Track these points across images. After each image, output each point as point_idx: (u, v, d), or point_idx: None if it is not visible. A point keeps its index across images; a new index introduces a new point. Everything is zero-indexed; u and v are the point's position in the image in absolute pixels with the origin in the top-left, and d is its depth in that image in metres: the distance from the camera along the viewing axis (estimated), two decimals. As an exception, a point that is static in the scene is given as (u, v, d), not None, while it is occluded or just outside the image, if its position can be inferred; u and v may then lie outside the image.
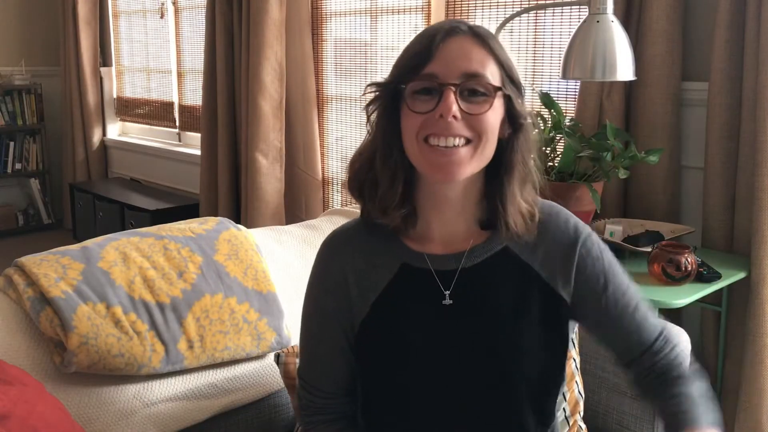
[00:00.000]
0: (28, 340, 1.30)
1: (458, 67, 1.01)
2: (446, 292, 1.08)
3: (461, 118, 1.00)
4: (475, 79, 1.01)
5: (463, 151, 1.01)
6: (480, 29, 1.05)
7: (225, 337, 1.45)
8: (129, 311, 1.36)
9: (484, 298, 1.09)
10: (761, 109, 1.98)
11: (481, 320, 1.08)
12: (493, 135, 1.03)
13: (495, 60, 1.03)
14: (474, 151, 1.02)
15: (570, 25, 2.54)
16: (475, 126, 1.01)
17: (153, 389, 1.40)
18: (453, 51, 1.01)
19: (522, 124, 1.06)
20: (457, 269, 1.09)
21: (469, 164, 1.02)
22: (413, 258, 1.10)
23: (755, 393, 2.05)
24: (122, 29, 4.95)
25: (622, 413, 1.46)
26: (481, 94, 1.01)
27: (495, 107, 1.03)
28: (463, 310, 1.08)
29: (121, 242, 1.47)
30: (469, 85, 1.01)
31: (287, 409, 1.57)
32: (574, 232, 1.12)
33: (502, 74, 1.04)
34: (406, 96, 1.03)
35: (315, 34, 3.45)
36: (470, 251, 1.10)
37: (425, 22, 3.01)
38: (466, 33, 1.03)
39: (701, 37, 2.24)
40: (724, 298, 2.16)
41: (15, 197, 5.13)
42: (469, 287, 1.09)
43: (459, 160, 1.01)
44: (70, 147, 5.01)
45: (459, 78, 1.00)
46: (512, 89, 1.05)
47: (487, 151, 1.04)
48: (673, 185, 2.30)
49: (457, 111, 1.00)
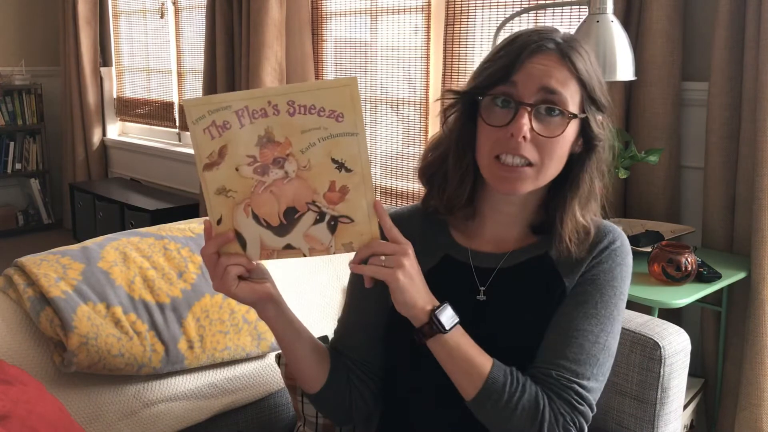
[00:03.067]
0: (28, 340, 1.30)
1: (537, 85, 1.01)
2: (481, 288, 1.12)
3: (531, 139, 1.02)
4: (552, 99, 1.02)
5: (525, 171, 1.03)
6: (567, 45, 1.04)
7: (225, 337, 1.45)
8: (129, 311, 1.36)
9: (514, 300, 1.11)
10: (761, 109, 1.98)
11: (508, 320, 1.10)
12: (559, 158, 1.05)
13: (577, 80, 1.03)
14: (536, 174, 1.04)
15: (570, 25, 2.54)
16: (542, 148, 1.02)
17: (153, 389, 1.40)
18: (535, 68, 1.02)
19: (595, 145, 1.07)
20: (495, 268, 1.12)
21: (532, 183, 1.05)
22: (457, 251, 1.15)
23: (755, 393, 2.05)
24: (122, 29, 4.95)
25: (622, 413, 1.46)
26: (557, 114, 1.02)
27: (568, 131, 1.03)
28: (495, 308, 1.11)
29: (121, 242, 1.47)
30: (545, 105, 1.02)
31: (287, 409, 1.57)
32: (603, 237, 1.11)
33: (583, 94, 1.04)
34: (483, 106, 1.05)
35: (315, 34, 3.45)
36: (512, 253, 1.12)
37: (425, 22, 3.02)
38: (551, 50, 1.03)
39: (701, 37, 2.24)
40: (724, 298, 2.16)
41: (15, 197, 5.13)
42: (503, 287, 1.11)
43: (520, 178, 1.04)
44: (70, 147, 5.01)
45: (536, 97, 1.02)
46: (592, 110, 1.05)
47: (550, 172, 1.06)
48: (673, 185, 2.30)
49: (528, 132, 1.01)
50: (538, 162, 1.03)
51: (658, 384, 1.41)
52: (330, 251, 1.00)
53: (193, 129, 0.96)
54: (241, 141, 0.95)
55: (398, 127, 3.23)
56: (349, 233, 0.99)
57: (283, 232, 0.99)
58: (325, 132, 0.95)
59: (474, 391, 1.02)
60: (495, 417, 1.02)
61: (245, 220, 0.99)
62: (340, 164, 0.96)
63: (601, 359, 1.06)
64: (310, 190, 0.97)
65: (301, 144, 0.96)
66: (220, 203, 0.98)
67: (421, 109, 3.11)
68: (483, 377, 1.01)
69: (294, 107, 0.94)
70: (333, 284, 1.71)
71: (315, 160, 0.96)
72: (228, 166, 0.97)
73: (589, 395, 1.05)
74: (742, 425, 2.09)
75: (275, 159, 0.96)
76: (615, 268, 1.10)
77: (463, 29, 2.87)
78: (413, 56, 3.10)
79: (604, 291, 1.08)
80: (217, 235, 0.99)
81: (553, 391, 1.03)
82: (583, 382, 1.04)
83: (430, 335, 1.01)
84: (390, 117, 3.26)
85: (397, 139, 3.24)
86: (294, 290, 1.64)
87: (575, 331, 1.06)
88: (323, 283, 1.70)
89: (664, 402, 1.42)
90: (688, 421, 2.16)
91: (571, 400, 1.03)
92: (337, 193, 0.98)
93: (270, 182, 0.97)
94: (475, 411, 1.04)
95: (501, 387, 1.01)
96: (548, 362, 1.05)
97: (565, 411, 1.02)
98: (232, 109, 0.94)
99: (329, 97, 0.94)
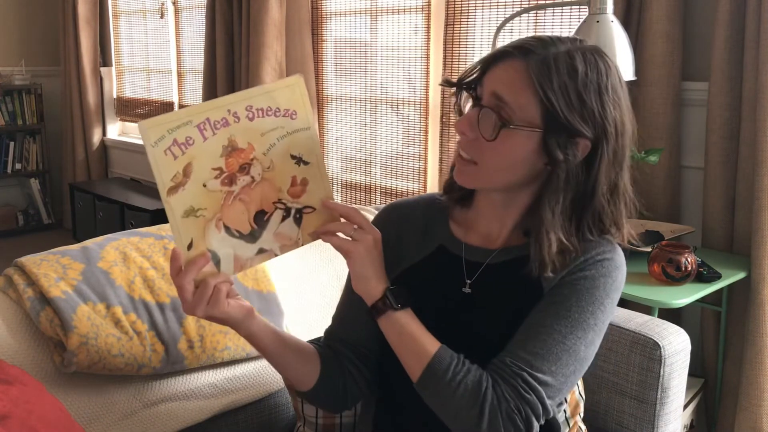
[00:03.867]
0: (28, 340, 1.30)
1: (491, 89, 1.03)
2: (468, 281, 1.13)
3: (474, 139, 1.04)
4: (496, 106, 1.02)
5: (469, 167, 1.06)
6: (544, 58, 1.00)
7: (225, 337, 1.45)
8: (129, 311, 1.36)
9: (497, 296, 1.12)
10: (761, 109, 1.98)
11: (487, 315, 1.11)
12: (504, 167, 1.04)
13: (534, 94, 1.00)
14: (477, 173, 1.06)
15: (570, 25, 2.54)
16: (479, 150, 1.04)
17: (153, 389, 1.40)
18: (495, 73, 1.04)
19: (557, 163, 1.02)
20: (484, 263, 1.14)
21: (476, 180, 1.08)
22: (451, 243, 1.17)
23: (755, 393, 2.05)
24: (122, 29, 4.95)
25: (622, 413, 1.46)
26: (499, 120, 1.01)
27: (511, 141, 1.02)
28: (477, 301, 1.12)
29: (121, 242, 1.47)
30: (488, 107, 1.02)
31: (287, 409, 1.57)
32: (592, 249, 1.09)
33: (542, 110, 1.00)
34: (463, 99, 1.09)
35: (315, 34, 3.45)
36: (501, 250, 1.14)
37: (425, 22, 3.02)
38: (518, 59, 1.01)
39: (701, 37, 2.24)
40: (724, 298, 2.16)
41: (15, 197, 5.13)
42: (489, 282, 1.13)
43: (466, 172, 1.07)
44: (70, 147, 5.01)
45: (487, 100, 1.03)
46: (552, 128, 1.01)
47: (495, 176, 1.06)
48: (673, 185, 2.30)
49: (467, 128, 1.05)
50: (479, 161, 1.05)
51: (658, 384, 1.41)
52: (299, 244, 1.03)
53: (152, 152, 0.93)
54: (206, 154, 0.95)
55: (398, 127, 3.23)
56: (313, 221, 1.03)
57: (255, 237, 1.00)
58: (283, 131, 0.99)
59: (419, 371, 1.03)
60: (437, 397, 1.02)
61: (217, 235, 0.98)
62: (299, 159, 1.01)
63: (564, 359, 1.03)
64: (275, 189, 1.00)
65: (263, 146, 0.98)
66: (189, 226, 0.96)
67: (421, 109, 3.11)
68: (429, 356, 1.03)
69: (253, 111, 0.97)
70: (333, 284, 1.71)
71: (277, 159, 0.99)
72: (194, 184, 0.95)
73: (540, 387, 1.01)
74: (742, 425, 2.09)
75: (241, 166, 0.97)
76: (599, 278, 1.07)
77: (463, 29, 2.87)
78: (413, 56, 3.10)
79: (582, 296, 1.06)
80: (194, 259, 0.97)
81: (500, 375, 1.02)
82: (535, 373, 1.01)
83: (382, 311, 1.05)
84: (390, 117, 3.26)
85: (397, 139, 3.24)
86: (294, 290, 1.64)
87: (541, 327, 1.04)
88: (323, 283, 1.70)
89: (664, 402, 1.43)
90: (688, 421, 2.16)
91: (517, 387, 1.00)
92: (299, 186, 1.01)
93: (238, 190, 0.98)
94: (421, 393, 1.05)
95: (446, 367, 1.02)
96: (507, 351, 1.04)
97: (510, 396, 1.00)
98: (193, 124, 0.94)
99: (282, 97, 0.98)
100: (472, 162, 1.06)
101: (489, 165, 1.05)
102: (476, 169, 1.06)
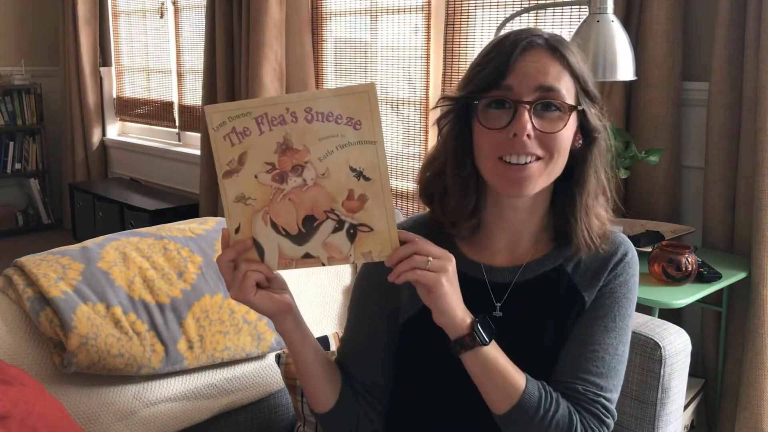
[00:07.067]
0: (28, 340, 1.30)
1: (533, 83, 1.00)
2: (497, 304, 1.10)
3: (534, 136, 1.00)
4: (549, 95, 1.00)
5: (534, 167, 1.01)
6: (555, 40, 1.03)
7: (225, 337, 1.45)
8: (129, 311, 1.36)
9: (531, 315, 1.10)
10: (761, 109, 1.98)
11: (525, 336, 1.09)
12: (564, 151, 1.03)
13: (570, 74, 1.02)
14: (545, 167, 1.02)
15: (570, 25, 2.54)
16: (547, 144, 1.01)
17: (153, 389, 1.40)
18: (528, 66, 1.00)
19: (595, 137, 1.05)
20: (511, 282, 1.10)
21: (540, 179, 1.03)
22: (470, 267, 1.11)
23: (755, 393, 2.05)
24: (122, 29, 4.95)
25: (622, 413, 1.45)
26: (556, 109, 1.01)
27: (569, 124, 1.02)
28: (512, 323, 1.08)
29: (120, 242, 1.46)
30: (543, 102, 1.00)
31: (287, 409, 1.57)
32: (616, 249, 1.11)
33: (577, 88, 1.03)
34: (479, 110, 1.02)
35: (315, 34, 3.45)
36: (526, 266, 1.10)
37: (425, 22, 3.02)
38: (541, 47, 1.02)
39: (701, 37, 2.24)
40: (724, 298, 2.16)
41: (15, 197, 5.13)
42: (520, 302, 1.10)
43: (530, 175, 1.01)
44: (70, 147, 5.01)
45: (533, 94, 1.00)
46: (587, 102, 1.04)
47: (558, 166, 1.04)
48: (673, 185, 2.30)
49: (531, 129, 0.99)
50: (546, 155, 1.01)
51: (658, 384, 1.41)
52: (349, 260, 0.98)
53: (213, 136, 0.95)
54: (261, 148, 0.95)
55: (398, 127, 3.23)
56: (369, 242, 0.97)
57: (302, 240, 0.98)
58: (343, 140, 0.94)
59: (508, 406, 1.00)
60: (524, 431, 1.02)
61: (264, 228, 0.98)
62: (359, 173, 0.95)
63: (620, 370, 1.08)
64: (329, 198, 0.96)
65: (318, 152, 0.95)
66: (239, 211, 0.98)
67: (421, 109, 3.11)
68: (519, 392, 1.00)
69: (312, 114, 0.94)
70: (333, 284, 1.71)
71: (333, 168, 0.95)
72: (247, 173, 0.96)
73: (612, 407, 1.06)
74: (742, 425, 2.09)
75: (294, 166, 0.96)
76: (629, 280, 1.11)
77: (463, 29, 2.87)
78: (413, 56, 3.10)
79: (621, 303, 1.09)
80: (235, 242, 0.98)
81: (582, 406, 1.04)
82: (606, 395, 1.05)
83: (471, 347, 0.99)
84: (390, 117, 3.26)
85: (397, 139, 3.24)
86: (294, 290, 1.63)
87: (596, 345, 1.06)
88: (323, 283, 1.70)
89: (664, 402, 1.42)
90: (688, 422, 2.16)
91: (599, 414, 1.04)
92: (356, 201, 0.96)
93: (288, 190, 0.96)
94: (505, 425, 1.03)
95: (536, 403, 1.00)
96: (572, 376, 1.05)
97: (594, 425, 1.03)
98: (252, 116, 0.94)
99: (347, 104, 0.93)
100: (536, 159, 1.01)
101: (558, 156, 1.02)
102: (544, 164, 1.01)
